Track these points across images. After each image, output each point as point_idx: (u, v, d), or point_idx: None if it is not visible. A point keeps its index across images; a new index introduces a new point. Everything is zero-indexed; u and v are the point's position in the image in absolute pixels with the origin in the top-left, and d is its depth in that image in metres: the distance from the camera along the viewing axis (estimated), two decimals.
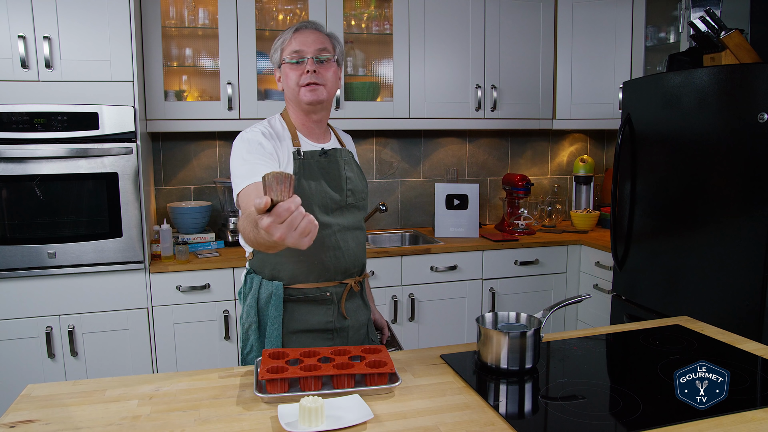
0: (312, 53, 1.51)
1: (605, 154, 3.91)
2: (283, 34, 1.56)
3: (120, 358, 2.56)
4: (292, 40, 1.52)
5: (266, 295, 1.51)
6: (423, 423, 1.11)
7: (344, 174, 1.59)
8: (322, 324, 1.54)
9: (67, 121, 2.39)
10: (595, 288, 3.09)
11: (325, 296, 1.53)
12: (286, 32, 1.55)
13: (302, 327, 1.53)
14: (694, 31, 2.51)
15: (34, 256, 2.41)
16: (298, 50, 1.51)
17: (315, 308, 1.53)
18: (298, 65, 1.51)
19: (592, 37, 3.27)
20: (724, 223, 2.22)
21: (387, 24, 3.12)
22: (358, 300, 1.62)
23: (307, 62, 1.50)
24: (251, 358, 1.55)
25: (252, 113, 2.87)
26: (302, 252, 1.43)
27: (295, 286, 1.52)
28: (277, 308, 1.49)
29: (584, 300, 1.75)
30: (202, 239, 2.90)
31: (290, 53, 1.51)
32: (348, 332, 1.59)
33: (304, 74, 1.50)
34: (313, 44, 1.51)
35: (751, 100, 2.10)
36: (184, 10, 2.87)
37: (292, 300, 1.52)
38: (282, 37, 1.55)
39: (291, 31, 1.55)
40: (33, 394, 1.25)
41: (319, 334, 1.55)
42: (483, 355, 1.37)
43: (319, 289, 1.53)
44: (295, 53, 1.51)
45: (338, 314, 1.56)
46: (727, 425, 1.10)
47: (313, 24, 1.57)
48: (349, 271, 1.58)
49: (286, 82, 1.54)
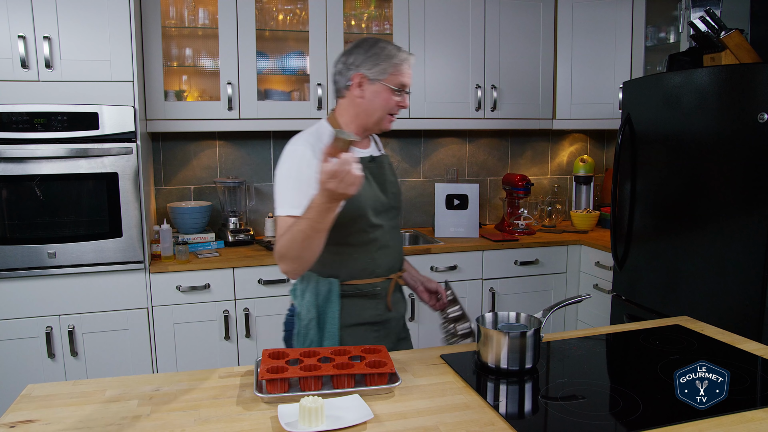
0: (408, 88, 1.61)
1: (605, 154, 3.91)
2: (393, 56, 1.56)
3: (120, 358, 2.56)
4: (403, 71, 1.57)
5: (324, 291, 1.58)
6: (423, 423, 1.11)
7: (388, 178, 1.69)
8: (373, 317, 1.64)
9: (67, 121, 2.39)
10: (595, 288, 3.09)
11: (375, 291, 1.63)
12: (397, 56, 1.57)
13: (356, 321, 1.61)
14: (694, 31, 2.51)
15: (34, 256, 2.41)
16: (405, 84, 1.58)
17: (366, 302, 1.63)
18: (399, 95, 1.58)
19: (592, 37, 3.28)
20: (724, 223, 2.22)
21: (387, 24, 3.12)
22: (398, 293, 1.73)
23: (405, 97, 1.60)
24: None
25: (252, 113, 2.87)
26: (358, 251, 1.58)
27: (350, 282, 1.60)
28: (336, 304, 1.58)
29: (584, 300, 1.75)
30: (202, 239, 2.90)
31: (398, 84, 1.56)
32: (391, 324, 1.69)
33: (398, 105, 1.59)
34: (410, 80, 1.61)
35: (751, 100, 2.10)
36: (184, 10, 2.87)
37: (347, 296, 1.60)
38: (392, 60, 1.56)
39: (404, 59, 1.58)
40: (33, 394, 1.25)
41: (370, 326, 1.64)
42: (483, 355, 1.37)
43: (371, 284, 1.62)
44: (402, 86, 1.58)
45: (385, 307, 1.66)
46: (727, 425, 1.10)
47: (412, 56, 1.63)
48: (394, 267, 1.68)
49: (377, 101, 1.57)
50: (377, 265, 1.62)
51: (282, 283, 2.72)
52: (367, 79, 1.56)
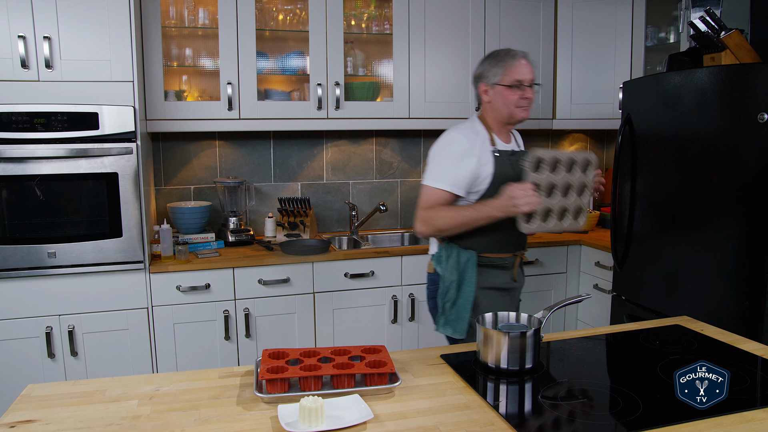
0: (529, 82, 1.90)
1: (605, 154, 3.91)
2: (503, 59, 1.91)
3: (120, 358, 2.56)
4: (516, 69, 1.89)
5: (464, 259, 1.92)
6: (423, 423, 1.11)
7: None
8: (502, 284, 1.98)
9: (67, 121, 2.39)
10: (595, 288, 3.09)
11: (504, 263, 1.97)
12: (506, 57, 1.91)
13: (489, 285, 1.96)
14: (694, 31, 2.51)
15: (34, 256, 2.41)
16: (519, 79, 1.88)
17: (497, 271, 1.97)
18: (519, 89, 1.89)
19: (592, 37, 3.27)
20: (724, 223, 2.22)
21: (387, 24, 3.12)
22: (520, 268, 2.05)
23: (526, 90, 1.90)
24: (448, 307, 1.94)
25: (252, 113, 2.87)
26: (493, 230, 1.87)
27: (485, 254, 1.94)
28: (473, 269, 1.92)
29: (584, 300, 1.77)
30: (202, 239, 2.90)
31: (513, 81, 1.88)
32: (515, 292, 2.05)
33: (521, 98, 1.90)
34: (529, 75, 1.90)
35: (751, 100, 2.10)
36: (184, 10, 2.87)
37: (482, 265, 1.94)
38: (502, 62, 1.90)
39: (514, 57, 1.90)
40: (33, 394, 1.25)
41: (498, 291, 1.98)
42: (483, 355, 1.37)
43: (501, 258, 1.96)
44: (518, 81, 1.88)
45: (511, 277, 2.00)
46: (727, 425, 1.10)
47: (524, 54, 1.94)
48: (520, 245, 2.01)
49: (500, 100, 1.92)
50: (506, 242, 1.95)
51: (282, 283, 2.72)
52: (489, 86, 1.93)
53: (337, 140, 3.36)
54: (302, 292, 2.76)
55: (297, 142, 3.29)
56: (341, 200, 3.41)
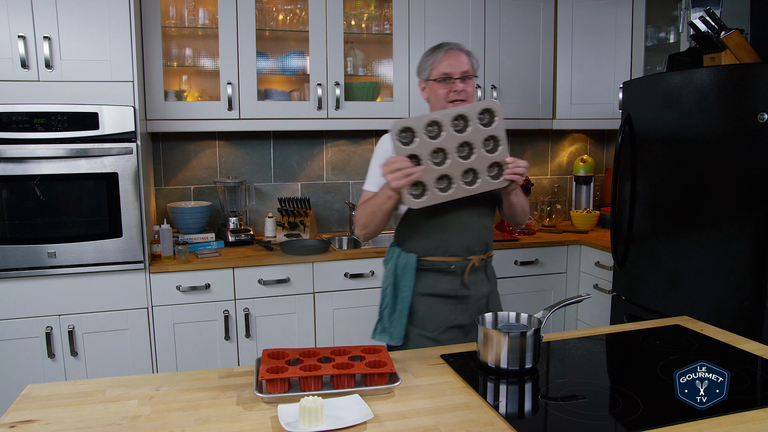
0: (458, 75, 1.78)
1: (605, 154, 3.91)
2: (430, 54, 1.83)
3: (120, 358, 2.56)
4: (441, 62, 1.79)
5: (403, 263, 1.81)
6: (423, 423, 1.11)
7: None
8: (447, 291, 1.81)
9: (67, 121, 2.39)
10: (595, 288, 3.09)
11: (449, 269, 1.79)
12: (434, 52, 1.82)
13: (429, 291, 1.81)
14: (694, 31, 2.51)
15: (34, 256, 2.41)
16: (446, 72, 1.78)
17: (442, 277, 1.80)
18: (446, 83, 1.78)
19: (592, 37, 3.27)
20: (724, 223, 2.22)
21: (387, 24, 3.12)
22: (481, 274, 1.85)
23: (456, 82, 1.78)
24: (386, 313, 1.83)
25: (252, 113, 2.87)
26: (432, 230, 1.77)
27: (427, 258, 1.80)
28: (410, 275, 1.79)
29: (584, 300, 1.76)
30: (202, 239, 2.90)
31: (440, 75, 1.78)
32: (469, 301, 1.83)
33: (451, 92, 1.78)
34: (459, 67, 1.78)
35: (751, 100, 2.10)
36: (184, 10, 2.87)
37: (423, 269, 1.81)
38: (430, 58, 1.82)
39: (440, 50, 1.81)
40: (33, 394, 1.25)
41: (443, 298, 1.81)
42: (483, 355, 1.37)
43: (445, 262, 1.79)
44: (445, 75, 1.78)
45: (461, 284, 1.81)
46: (727, 425, 1.10)
47: (456, 45, 1.83)
48: (476, 248, 1.82)
49: (434, 96, 1.82)
50: (454, 245, 1.78)
51: (282, 283, 2.72)
52: (424, 82, 1.85)
53: (337, 140, 3.36)
54: (302, 292, 2.76)
55: (297, 142, 3.29)
56: (341, 200, 3.41)
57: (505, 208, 1.88)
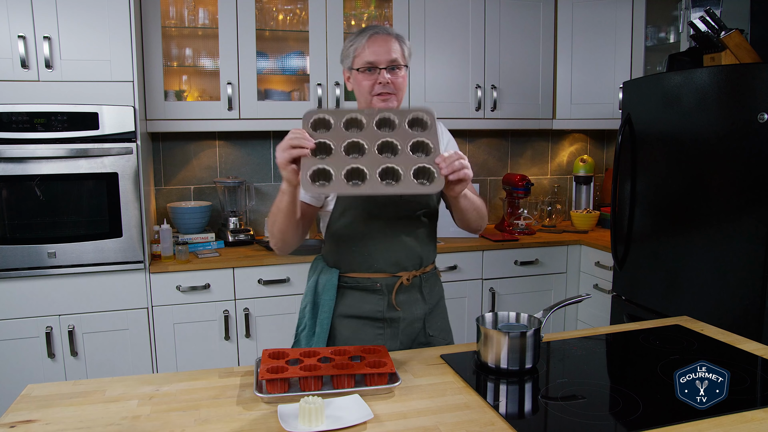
0: (385, 64, 1.53)
1: (605, 154, 3.91)
2: (353, 42, 1.57)
3: (120, 358, 2.56)
4: (365, 49, 1.54)
5: (324, 280, 1.60)
6: (423, 423, 1.11)
7: None
8: (372, 312, 1.59)
9: (67, 121, 2.39)
10: (595, 288, 3.09)
11: (375, 287, 1.58)
12: (356, 39, 1.56)
13: (353, 313, 1.59)
14: (694, 31, 2.51)
15: (34, 256, 2.41)
16: (370, 61, 1.53)
17: (367, 297, 1.59)
18: (371, 74, 1.54)
19: (592, 37, 3.27)
20: (724, 223, 2.22)
21: (387, 24, 3.12)
22: (415, 294, 1.62)
23: (382, 72, 1.53)
24: (303, 335, 1.63)
25: (252, 113, 2.87)
26: (355, 244, 1.56)
27: (350, 274, 1.59)
28: (330, 293, 1.58)
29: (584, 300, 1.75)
30: (202, 239, 2.90)
31: (363, 64, 1.54)
32: (399, 324, 1.61)
33: (376, 84, 1.53)
34: (385, 55, 1.53)
35: (751, 100, 2.10)
36: (184, 10, 2.87)
37: (346, 287, 1.59)
38: (352, 45, 1.57)
39: (362, 36, 1.55)
40: (33, 394, 1.25)
41: (369, 321, 1.59)
42: (483, 355, 1.37)
43: (370, 279, 1.58)
44: (369, 63, 1.53)
45: (389, 305, 1.59)
46: (727, 425, 1.10)
47: (384, 30, 1.57)
48: (401, 265, 1.59)
49: (358, 88, 1.57)
50: (375, 259, 1.57)
51: (282, 283, 2.72)
52: (347, 71, 1.60)
53: None
54: (302, 292, 2.74)
55: None
56: None
57: (455, 214, 1.60)
